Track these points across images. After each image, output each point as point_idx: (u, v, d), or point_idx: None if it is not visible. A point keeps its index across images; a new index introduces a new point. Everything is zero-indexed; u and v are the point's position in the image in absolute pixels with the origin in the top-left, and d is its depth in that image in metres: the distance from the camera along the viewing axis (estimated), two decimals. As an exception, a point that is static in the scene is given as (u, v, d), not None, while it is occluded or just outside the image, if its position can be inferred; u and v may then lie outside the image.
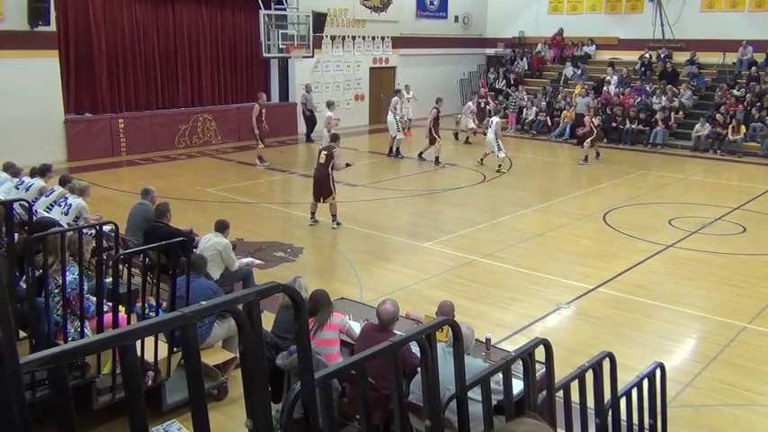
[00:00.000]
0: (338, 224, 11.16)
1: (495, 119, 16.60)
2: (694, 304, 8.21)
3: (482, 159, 16.58)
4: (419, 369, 4.43)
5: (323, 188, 11.01)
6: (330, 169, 10.93)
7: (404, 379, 2.53)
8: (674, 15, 22.87)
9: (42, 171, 9.21)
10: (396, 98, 18.37)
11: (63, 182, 8.66)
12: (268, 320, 5.02)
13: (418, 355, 2.35)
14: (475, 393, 2.53)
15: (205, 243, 7.26)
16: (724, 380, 6.34)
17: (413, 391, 4.39)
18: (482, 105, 21.54)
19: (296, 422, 1.99)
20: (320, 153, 11.14)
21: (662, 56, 22.78)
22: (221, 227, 7.46)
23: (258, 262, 8.80)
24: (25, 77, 14.95)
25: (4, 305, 1.27)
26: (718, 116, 19.48)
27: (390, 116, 17.86)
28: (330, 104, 17.03)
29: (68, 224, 7.39)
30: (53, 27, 15.52)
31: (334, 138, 12.22)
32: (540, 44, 26.05)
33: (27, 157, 11.66)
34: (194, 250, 6.93)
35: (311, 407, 1.86)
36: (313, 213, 11.33)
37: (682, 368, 6.57)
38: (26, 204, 6.64)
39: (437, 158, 16.69)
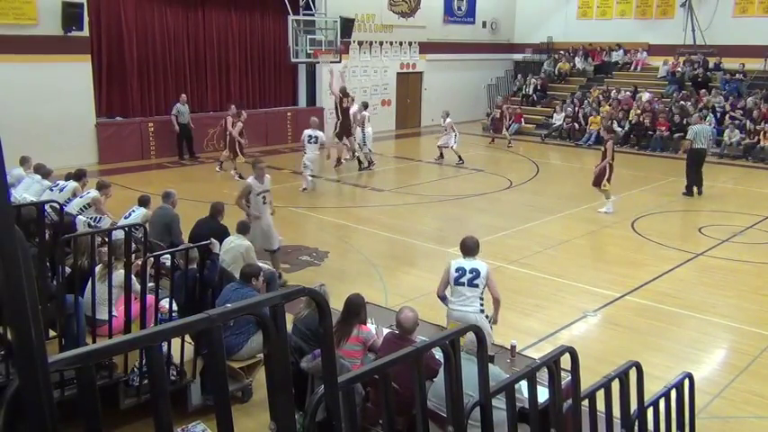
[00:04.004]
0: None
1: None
2: (724, 314, 8.07)
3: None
4: (434, 379, 4.42)
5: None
6: None
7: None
8: (705, 21, 22.55)
9: (78, 176, 9.51)
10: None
11: (100, 187, 9.35)
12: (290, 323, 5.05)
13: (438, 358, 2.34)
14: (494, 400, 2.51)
15: (228, 245, 7.31)
16: (755, 391, 6.22)
17: (430, 399, 4.36)
18: (497, 116, 21.64)
19: (319, 426, 1.99)
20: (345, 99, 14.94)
21: (698, 62, 22.39)
22: (243, 228, 7.53)
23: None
24: (59, 81, 15.25)
25: (35, 305, 1.29)
26: (749, 123, 19.15)
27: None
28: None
29: (81, 209, 8.57)
30: (86, 32, 15.82)
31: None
32: (577, 57, 25.70)
33: (59, 159, 11.90)
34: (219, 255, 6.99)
35: (334, 411, 1.86)
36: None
37: (711, 378, 6.46)
38: (57, 206, 6.77)
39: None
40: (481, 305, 5.89)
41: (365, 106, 17.01)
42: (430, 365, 4.32)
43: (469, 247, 6.08)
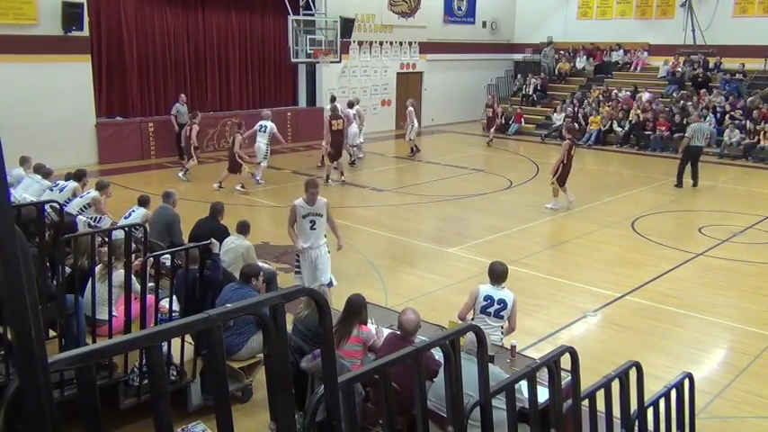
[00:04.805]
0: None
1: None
2: (724, 314, 8.07)
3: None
4: (434, 379, 4.42)
5: (342, 150, 14.45)
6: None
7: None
8: (705, 21, 22.55)
9: (78, 176, 9.52)
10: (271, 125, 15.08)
11: (99, 187, 9.34)
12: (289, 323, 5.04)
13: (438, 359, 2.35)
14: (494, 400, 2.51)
15: (227, 245, 7.31)
16: (755, 391, 6.22)
17: (430, 399, 4.36)
18: (490, 114, 21.67)
19: (319, 426, 1.99)
20: (333, 122, 14.33)
21: (698, 62, 22.38)
22: (243, 228, 7.52)
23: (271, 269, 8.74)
24: (58, 81, 15.26)
25: (35, 305, 1.29)
26: (749, 123, 19.16)
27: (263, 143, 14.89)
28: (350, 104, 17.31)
29: (81, 209, 8.68)
30: (86, 32, 15.82)
31: (333, 99, 15.86)
32: (579, 57, 25.68)
33: (59, 159, 11.89)
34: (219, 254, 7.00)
35: (334, 411, 1.86)
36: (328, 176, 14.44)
37: (711, 378, 6.46)
38: (57, 206, 6.77)
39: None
40: (501, 334, 5.84)
41: (350, 105, 17.09)
42: (429, 366, 4.32)
43: (499, 275, 5.96)
